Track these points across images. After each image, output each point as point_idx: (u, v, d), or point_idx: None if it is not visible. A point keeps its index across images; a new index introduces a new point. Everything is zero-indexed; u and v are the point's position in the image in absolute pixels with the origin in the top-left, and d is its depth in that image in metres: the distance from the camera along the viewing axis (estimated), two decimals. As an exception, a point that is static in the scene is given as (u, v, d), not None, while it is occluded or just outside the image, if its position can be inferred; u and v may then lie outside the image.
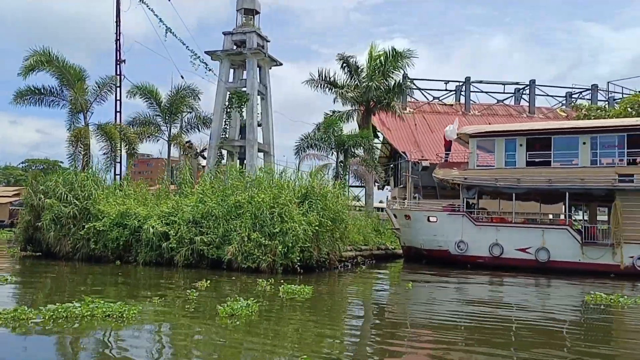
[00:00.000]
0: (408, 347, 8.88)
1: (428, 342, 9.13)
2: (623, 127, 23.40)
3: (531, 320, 11.55)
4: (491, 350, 8.42)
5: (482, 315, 11.78)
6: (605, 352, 8.75)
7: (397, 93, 32.16)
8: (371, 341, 9.29)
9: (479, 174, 25.22)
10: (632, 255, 22.14)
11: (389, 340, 9.32)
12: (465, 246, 25.14)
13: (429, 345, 8.85)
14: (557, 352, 8.51)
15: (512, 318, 11.86)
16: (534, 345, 8.97)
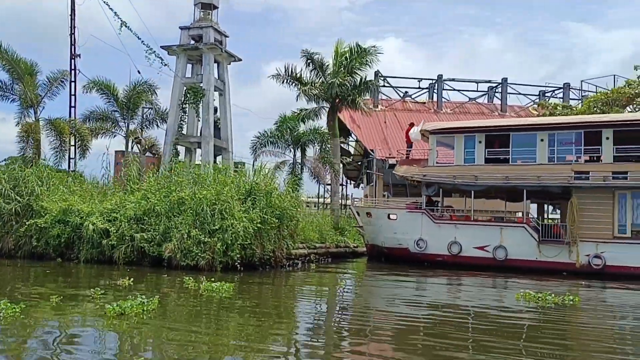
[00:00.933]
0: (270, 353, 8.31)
1: (308, 347, 8.71)
2: (580, 124, 23.15)
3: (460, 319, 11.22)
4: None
5: (397, 317, 11.42)
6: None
7: (363, 90, 31.67)
8: (240, 343, 8.65)
9: (438, 171, 24.90)
10: (588, 253, 21.88)
11: (256, 344, 8.69)
12: (424, 244, 24.82)
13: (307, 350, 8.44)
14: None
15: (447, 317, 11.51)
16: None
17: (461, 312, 12.40)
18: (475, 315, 11.93)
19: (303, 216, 23.76)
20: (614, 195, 21.86)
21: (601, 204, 21.92)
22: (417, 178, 25.34)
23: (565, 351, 8.79)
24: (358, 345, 8.84)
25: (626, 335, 10.70)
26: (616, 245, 21.60)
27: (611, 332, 10.71)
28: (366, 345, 8.65)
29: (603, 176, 21.65)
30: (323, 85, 30.95)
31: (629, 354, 8.74)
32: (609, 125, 22.30)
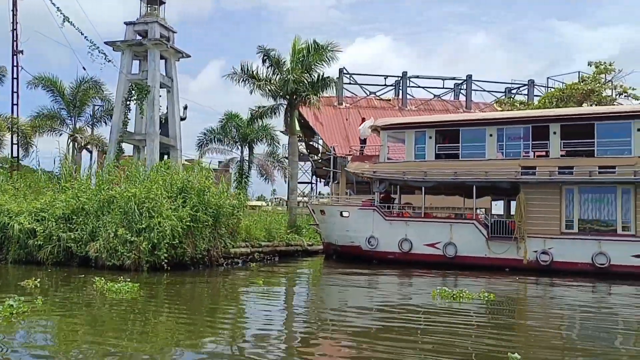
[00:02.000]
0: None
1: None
2: (528, 119, 22.89)
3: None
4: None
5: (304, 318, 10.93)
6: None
7: (321, 87, 31.24)
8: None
9: (388, 168, 24.50)
10: (535, 249, 21.59)
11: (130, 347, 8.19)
12: (375, 242, 24.42)
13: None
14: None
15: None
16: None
17: (366, 312, 11.91)
18: (382, 314, 11.50)
19: (249, 215, 23.31)
20: (561, 190, 21.61)
21: (548, 200, 21.65)
22: (368, 175, 24.93)
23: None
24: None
25: (533, 334, 10.32)
26: (563, 241, 21.34)
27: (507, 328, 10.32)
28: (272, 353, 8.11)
29: (549, 171, 21.36)
30: (279, 82, 30.51)
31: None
32: (556, 120, 22.02)
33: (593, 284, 18.33)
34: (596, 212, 21.33)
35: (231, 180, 23.74)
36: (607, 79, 28.91)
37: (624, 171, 20.17)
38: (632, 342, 9.64)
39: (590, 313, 12.63)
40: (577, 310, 13.26)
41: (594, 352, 8.52)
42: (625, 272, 20.02)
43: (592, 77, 29.06)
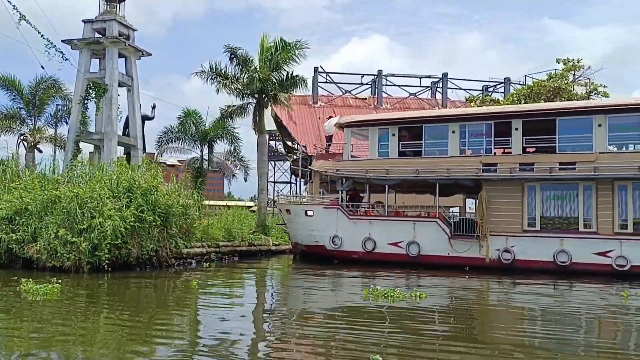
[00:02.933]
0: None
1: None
2: (490, 115, 22.52)
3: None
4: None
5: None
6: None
7: (290, 85, 30.84)
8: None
9: (351, 166, 24.08)
10: (498, 248, 21.22)
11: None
12: (339, 241, 23.99)
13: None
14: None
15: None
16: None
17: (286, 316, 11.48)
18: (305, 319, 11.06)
19: (218, 215, 22.80)
20: (523, 187, 21.25)
21: (510, 197, 21.30)
22: (331, 173, 24.51)
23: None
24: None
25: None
26: (525, 239, 20.98)
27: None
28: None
29: (510, 168, 20.99)
30: (247, 81, 30.12)
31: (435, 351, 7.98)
32: (517, 116, 21.67)
33: (546, 282, 17.95)
34: (558, 210, 20.98)
35: (189, 179, 23.19)
36: (580, 75, 28.59)
37: (584, 167, 19.82)
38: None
39: (521, 313, 12.24)
40: (496, 308, 12.86)
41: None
42: (586, 270, 19.68)
43: (559, 75, 28.74)
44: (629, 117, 19.99)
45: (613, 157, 19.65)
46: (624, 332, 10.38)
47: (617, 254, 19.52)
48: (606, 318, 11.92)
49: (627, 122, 20.02)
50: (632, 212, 19.78)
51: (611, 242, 19.71)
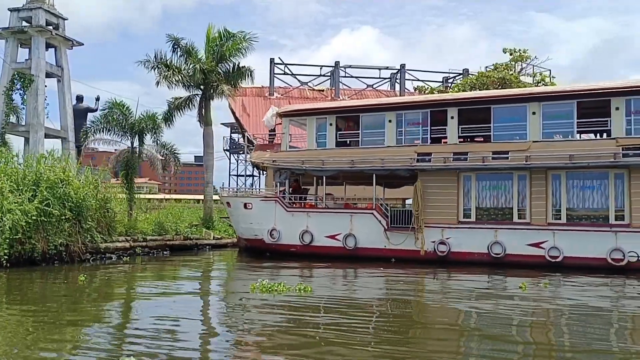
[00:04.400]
0: None
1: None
2: (426, 103, 21.93)
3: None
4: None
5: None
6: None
7: (236, 77, 30.07)
8: None
9: (288, 157, 23.34)
10: (433, 239, 20.65)
11: None
12: (278, 234, 23.30)
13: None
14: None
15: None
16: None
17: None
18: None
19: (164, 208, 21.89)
20: (458, 177, 20.70)
21: (446, 187, 20.74)
22: (267, 164, 23.78)
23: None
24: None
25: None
26: (461, 231, 20.45)
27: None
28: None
29: (444, 157, 20.41)
30: (190, 72, 29.35)
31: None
32: (453, 104, 21.10)
33: (468, 274, 17.42)
34: (493, 200, 20.45)
35: (109, 170, 22.34)
36: (526, 65, 28.14)
37: (517, 156, 19.29)
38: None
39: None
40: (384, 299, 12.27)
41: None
42: (520, 261, 19.19)
43: (504, 65, 28.28)
44: (563, 105, 19.50)
45: (546, 145, 19.13)
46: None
47: (550, 244, 19.04)
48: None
49: (561, 110, 19.53)
50: (565, 202, 19.32)
51: (544, 233, 19.24)
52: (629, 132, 18.49)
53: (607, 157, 18.08)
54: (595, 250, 18.37)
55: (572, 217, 19.26)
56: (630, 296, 13.92)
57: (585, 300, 12.57)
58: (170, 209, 27.57)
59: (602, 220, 18.87)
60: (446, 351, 7.79)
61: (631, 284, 15.49)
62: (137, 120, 22.30)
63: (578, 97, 19.25)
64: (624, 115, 18.51)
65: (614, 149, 18.13)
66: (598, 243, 18.39)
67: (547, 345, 8.26)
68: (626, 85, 18.62)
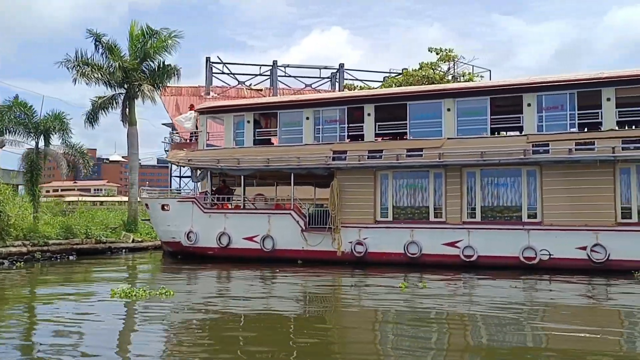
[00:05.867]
0: None
1: None
2: (343, 100, 21.37)
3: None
4: None
5: None
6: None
7: (161, 76, 29.02)
8: None
9: (204, 155, 22.40)
10: (351, 240, 20.02)
11: None
12: (195, 236, 22.30)
13: None
14: None
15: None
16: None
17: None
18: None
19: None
20: (375, 176, 20.14)
21: (363, 186, 20.15)
22: (183, 163, 22.79)
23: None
24: None
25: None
26: (378, 231, 19.87)
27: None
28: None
29: (359, 155, 19.82)
30: (110, 70, 28.21)
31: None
32: (370, 101, 20.57)
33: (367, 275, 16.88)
34: (410, 199, 19.96)
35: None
36: (452, 65, 27.93)
37: (431, 154, 18.83)
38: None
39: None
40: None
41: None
42: (436, 261, 18.73)
43: (429, 65, 28.06)
44: (477, 101, 19.16)
45: (459, 142, 18.73)
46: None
47: (465, 244, 18.63)
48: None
49: (475, 106, 19.18)
50: (480, 200, 18.95)
51: (459, 232, 18.81)
52: (540, 128, 18.25)
53: (518, 154, 17.78)
54: (508, 249, 18.04)
55: (487, 216, 18.91)
56: (475, 300, 13.24)
57: (434, 304, 12.02)
58: (85, 212, 26.24)
59: (515, 219, 18.57)
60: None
61: (502, 285, 15.18)
62: (42, 120, 21.01)
63: (491, 93, 18.96)
64: (536, 112, 18.26)
65: (524, 145, 17.84)
66: (511, 242, 18.06)
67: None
68: (537, 81, 18.38)
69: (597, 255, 17.07)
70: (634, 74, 17.31)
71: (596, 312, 11.33)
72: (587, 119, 18.03)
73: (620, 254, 16.84)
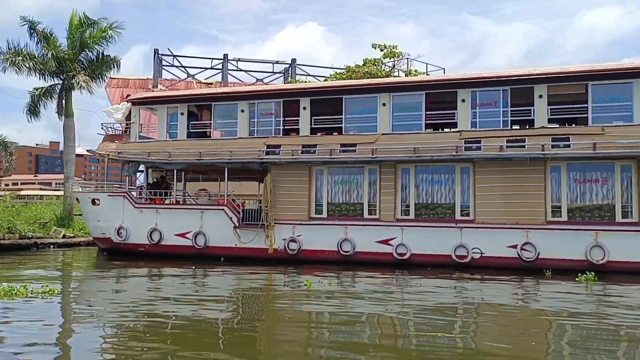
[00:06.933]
0: None
1: None
2: (279, 93, 20.74)
3: None
4: None
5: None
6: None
7: (100, 67, 27.99)
8: None
9: (135, 148, 21.49)
10: (284, 237, 19.42)
11: None
12: (126, 232, 21.38)
13: None
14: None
15: None
16: None
17: None
18: None
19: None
20: (310, 171, 19.59)
21: (298, 182, 19.58)
22: (113, 156, 21.82)
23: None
24: None
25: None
26: (312, 228, 19.32)
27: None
28: None
29: (293, 150, 19.24)
30: (44, 59, 27.09)
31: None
32: (305, 94, 20.02)
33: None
34: (345, 195, 19.46)
35: None
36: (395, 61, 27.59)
37: (364, 149, 18.37)
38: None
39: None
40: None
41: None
42: (369, 259, 18.31)
43: (372, 61, 27.72)
44: (413, 96, 18.79)
45: (393, 138, 18.31)
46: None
47: (398, 241, 18.23)
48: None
49: (410, 101, 18.81)
50: (414, 197, 18.58)
51: (393, 229, 18.41)
52: (474, 125, 17.98)
53: (450, 150, 17.45)
54: (441, 247, 17.73)
55: (421, 213, 18.55)
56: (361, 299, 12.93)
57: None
58: (10, 207, 25.04)
59: (449, 216, 18.26)
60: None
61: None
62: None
63: (427, 89, 18.62)
64: (470, 108, 17.98)
65: (457, 142, 17.53)
66: (444, 240, 17.75)
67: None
68: (472, 77, 18.11)
69: (527, 254, 16.88)
70: (566, 70, 17.19)
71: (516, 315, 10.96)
72: (520, 116, 17.84)
73: (549, 252, 16.68)
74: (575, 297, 12.70)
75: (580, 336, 8.82)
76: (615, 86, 16.72)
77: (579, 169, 17.01)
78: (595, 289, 13.66)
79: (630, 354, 7.77)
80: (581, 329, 9.25)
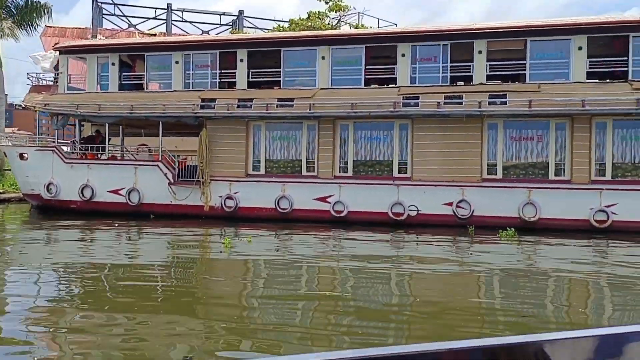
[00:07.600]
0: None
1: None
2: (215, 44, 19.91)
3: None
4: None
5: None
6: None
7: (31, 14, 26.24)
8: None
9: (63, 100, 20.32)
10: (221, 194, 18.90)
11: None
12: (55, 189, 20.40)
13: None
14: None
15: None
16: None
17: None
18: None
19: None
20: (247, 126, 18.96)
21: (234, 137, 18.95)
22: (39, 108, 20.62)
23: None
24: None
25: None
26: (249, 185, 18.84)
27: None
28: None
29: (228, 104, 18.52)
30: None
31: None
32: (243, 45, 19.21)
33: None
34: (284, 152, 18.99)
35: None
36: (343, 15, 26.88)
37: (302, 104, 17.83)
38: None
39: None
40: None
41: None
42: (307, 217, 18.01)
43: (316, 14, 26.93)
44: (352, 50, 18.24)
45: (332, 93, 17.82)
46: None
47: (335, 199, 17.97)
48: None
49: (350, 55, 18.26)
50: (353, 153, 18.26)
51: (330, 187, 18.12)
52: (414, 80, 17.63)
53: (389, 106, 17.10)
54: (378, 205, 17.56)
55: (359, 170, 18.29)
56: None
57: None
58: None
59: (387, 173, 18.06)
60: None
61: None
62: None
63: (367, 42, 18.07)
64: (410, 63, 17.58)
65: (396, 98, 17.17)
66: (381, 197, 17.57)
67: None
68: (412, 31, 17.67)
69: (462, 211, 16.91)
70: (505, 26, 16.91)
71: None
72: (460, 72, 17.56)
73: (483, 210, 16.74)
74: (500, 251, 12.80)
75: (508, 285, 8.86)
76: (552, 43, 16.57)
77: (516, 127, 16.96)
78: (515, 245, 13.85)
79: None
80: (509, 278, 9.29)
